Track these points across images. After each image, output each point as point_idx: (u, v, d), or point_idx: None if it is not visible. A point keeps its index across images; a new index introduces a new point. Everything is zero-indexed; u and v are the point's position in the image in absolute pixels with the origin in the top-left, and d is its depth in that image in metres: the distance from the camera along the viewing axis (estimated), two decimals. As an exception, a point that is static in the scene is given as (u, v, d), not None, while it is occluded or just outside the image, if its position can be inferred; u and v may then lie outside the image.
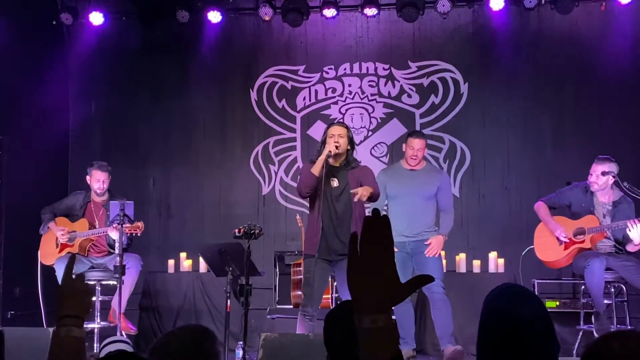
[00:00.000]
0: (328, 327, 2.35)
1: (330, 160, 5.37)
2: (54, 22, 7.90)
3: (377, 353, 1.37)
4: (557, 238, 6.05)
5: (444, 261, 6.33)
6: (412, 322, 6.08)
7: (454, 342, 5.87)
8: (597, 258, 5.75)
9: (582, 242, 5.96)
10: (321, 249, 5.29)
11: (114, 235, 6.15)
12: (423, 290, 6.04)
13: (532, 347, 1.84)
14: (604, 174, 5.92)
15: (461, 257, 7.08)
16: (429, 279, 1.47)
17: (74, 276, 1.94)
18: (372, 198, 5.29)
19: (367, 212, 5.63)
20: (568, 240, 5.98)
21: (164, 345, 1.94)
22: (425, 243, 5.93)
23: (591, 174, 5.97)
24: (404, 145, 6.14)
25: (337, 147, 5.30)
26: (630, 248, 5.89)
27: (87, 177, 6.50)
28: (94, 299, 6.28)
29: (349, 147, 5.42)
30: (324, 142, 5.40)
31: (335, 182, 5.38)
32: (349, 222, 5.34)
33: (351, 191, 5.25)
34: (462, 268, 7.03)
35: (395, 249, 5.60)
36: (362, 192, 5.16)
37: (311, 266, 5.32)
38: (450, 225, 6.08)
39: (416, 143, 6.02)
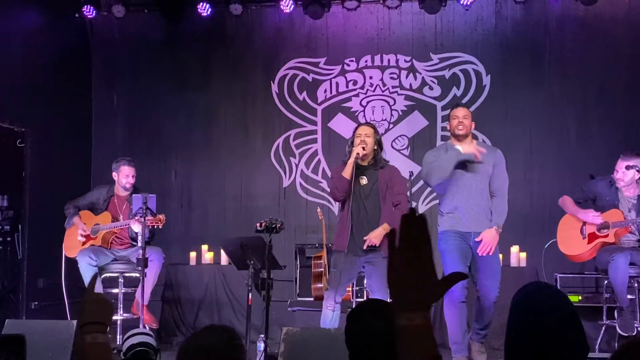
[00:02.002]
0: (350, 326, 2.35)
1: (359, 160, 5.44)
2: (77, 15, 7.94)
3: (414, 352, 1.37)
4: (581, 230, 5.99)
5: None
6: (465, 326, 5.43)
7: (482, 340, 5.51)
8: (621, 253, 5.70)
9: (606, 236, 5.91)
10: (350, 245, 5.36)
11: (135, 227, 6.19)
12: (477, 291, 5.43)
13: (560, 349, 1.82)
14: (628, 168, 5.86)
15: (483, 251, 7.02)
16: (463, 276, 1.48)
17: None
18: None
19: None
20: (600, 222, 5.90)
21: (195, 345, 1.95)
22: (476, 240, 5.34)
23: (617, 170, 5.91)
24: (447, 124, 5.64)
25: (363, 149, 5.38)
26: (656, 243, 5.85)
27: (114, 173, 6.50)
28: (116, 290, 6.34)
29: (375, 147, 5.47)
30: (352, 143, 5.49)
31: (364, 180, 5.46)
32: (377, 219, 5.40)
33: (364, 238, 5.32)
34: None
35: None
36: (372, 239, 5.28)
37: (339, 261, 5.38)
38: (504, 214, 5.42)
39: (459, 111, 5.50)
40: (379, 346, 2.23)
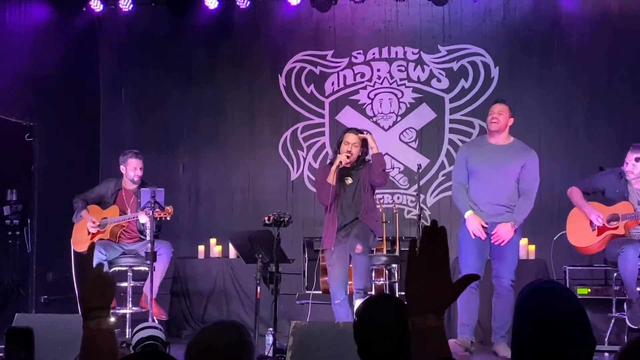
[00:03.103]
0: (359, 320, 2.35)
1: (345, 163, 5.75)
2: (84, 9, 7.95)
3: (427, 352, 1.43)
4: (591, 223, 5.97)
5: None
6: (476, 311, 5.68)
7: (508, 340, 5.50)
8: (631, 245, 5.68)
9: (616, 228, 5.89)
10: (336, 240, 5.71)
11: (142, 219, 6.20)
12: (492, 278, 5.67)
13: (567, 344, 1.82)
14: (638, 160, 5.84)
15: (491, 244, 7.02)
16: (475, 277, 1.59)
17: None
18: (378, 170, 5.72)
19: (377, 202, 6.09)
20: (602, 224, 5.90)
21: (204, 342, 1.95)
22: (492, 234, 5.58)
23: (627, 163, 5.88)
24: (487, 119, 5.77)
25: (348, 157, 5.69)
26: (665, 235, 5.83)
27: (121, 167, 6.50)
28: (125, 284, 6.35)
29: (360, 153, 5.82)
30: (339, 145, 5.79)
31: (349, 180, 5.79)
32: (359, 210, 5.75)
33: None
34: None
35: (486, 224, 5.54)
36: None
37: (331, 259, 5.73)
38: (525, 213, 5.62)
39: (496, 107, 5.67)
40: (387, 340, 2.23)
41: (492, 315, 5.74)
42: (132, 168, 6.45)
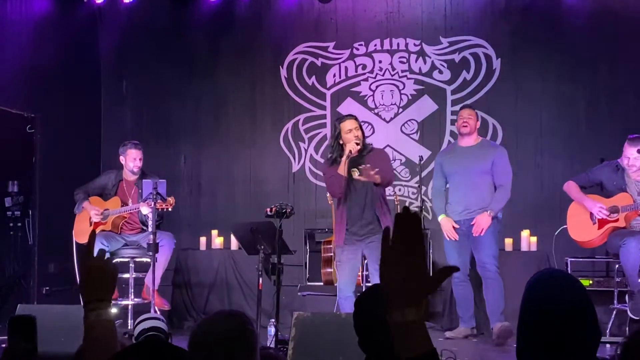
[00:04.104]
0: (358, 312, 2.34)
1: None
2: (85, 1, 7.92)
3: (409, 347, 1.39)
4: (591, 216, 5.97)
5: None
6: (470, 301, 6.19)
7: (503, 320, 5.91)
8: (633, 237, 5.68)
9: (617, 220, 5.88)
10: (347, 237, 5.53)
11: (144, 210, 6.21)
12: (477, 269, 6.10)
13: (573, 334, 1.81)
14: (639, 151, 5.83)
15: (493, 235, 7.03)
16: (454, 269, 1.51)
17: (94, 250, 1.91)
18: (383, 183, 5.49)
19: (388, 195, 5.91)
20: (606, 217, 5.89)
21: (207, 331, 1.95)
22: (472, 224, 5.99)
23: (628, 157, 5.86)
24: (456, 124, 6.36)
25: (357, 144, 5.47)
26: (664, 225, 5.83)
27: (121, 158, 6.53)
28: (127, 275, 6.36)
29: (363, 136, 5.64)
30: (336, 138, 5.58)
31: (356, 172, 5.54)
32: (371, 204, 5.53)
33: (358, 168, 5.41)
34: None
35: (457, 225, 5.94)
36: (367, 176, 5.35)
37: (341, 256, 5.56)
38: (501, 201, 6.04)
39: (464, 112, 6.24)
40: (386, 330, 2.23)
41: (485, 304, 6.05)
42: (131, 159, 6.45)
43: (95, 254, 1.91)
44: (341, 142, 5.54)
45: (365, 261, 5.73)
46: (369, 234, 5.52)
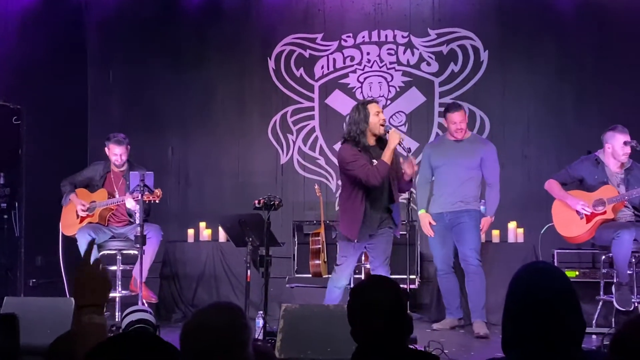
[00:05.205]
0: (352, 301, 2.35)
1: (370, 141, 5.24)
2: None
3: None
4: (578, 211, 5.98)
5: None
6: (456, 293, 6.23)
7: (484, 316, 5.97)
8: (627, 230, 5.71)
9: (604, 213, 5.90)
10: (361, 233, 5.21)
11: (129, 203, 6.19)
12: (460, 262, 6.14)
13: (556, 324, 1.83)
14: (626, 143, 5.86)
15: (480, 227, 7.06)
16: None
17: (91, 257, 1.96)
18: (412, 178, 5.42)
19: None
20: (590, 213, 5.92)
21: (200, 323, 1.94)
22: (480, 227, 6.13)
23: (614, 149, 5.87)
24: (444, 121, 6.27)
25: (383, 127, 5.24)
26: (648, 213, 5.88)
27: (106, 149, 6.54)
28: (114, 268, 6.35)
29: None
30: (361, 122, 5.18)
31: (375, 162, 5.20)
32: (389, 197, 5.27)
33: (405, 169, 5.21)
34: (481, 238, 7.00)
35: (434, 222, 5.91)
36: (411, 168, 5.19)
37: (349, 251, 5.30)
38: (495, 204, 6.15)
39: (456, 116, 6.08)
40: (379, 319, 2.24)
41: (467, 298, 6.10)
42: (112, 154, 6.47)
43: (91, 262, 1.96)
44: (363, 127, 5.17)
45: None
46: (383, 225, 5.29)
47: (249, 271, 5.31)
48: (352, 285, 5.99)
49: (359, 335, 2.28)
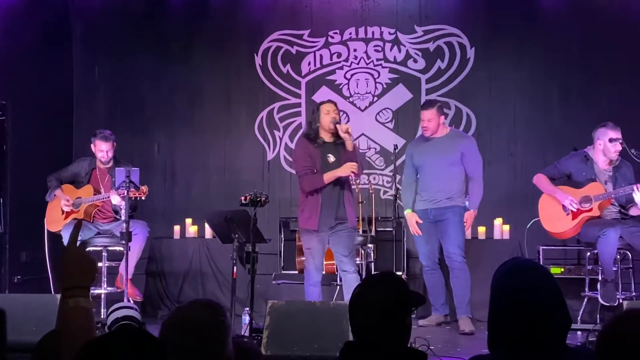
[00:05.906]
0: (354, 300, 2.30)
1: (326, 138, 5.61)
2: (57, -15, 7.82)
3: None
4: (563, 207, 6.01)
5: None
6: (442, 289, 6.29)
7: (469, 312, 6.04)
8: (612, 227, 5.74)
9: (590, 210, 5.93)
10: (320, 223, 5.53)
11: (115, 200, 6.17)
12: (444, 259, 6.17)
13: (543, 322, 1.83)
14: (611, 140, 5.88)
15: (466, 224, 7.09)
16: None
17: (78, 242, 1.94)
18: (360, 174, 5.80)
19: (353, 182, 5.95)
20: (576, 209, 5.95)
21: (178, 321, 1.94)
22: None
23: (605, 145, 5.90)
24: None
25: (335, 123, 5.56)
26: (633, 212, 5.92)
27: (92, 145, 6.51)
28: (100, 264, 6.31)
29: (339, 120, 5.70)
30: (312, 121, 5.66)
31: (331, 158, 5.59)
32: (343, 192, 5.62)
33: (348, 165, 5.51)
34: (467, 234, 7.01)
35: (420, 220, 5.89)
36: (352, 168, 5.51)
37: (312, 241, 5.59)
38: (479, 197, 6.17)
39: (423, 114, 6.20)
40: (372, 316, 2.20)
41: (452, 294, 6.15)
42: (98, 150, 6.44)
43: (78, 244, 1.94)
44: (315, 126, 5.61)
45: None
46: (339, 220, 5.58)
47: (235, 268, 5.30)
48: (337, 282, 6.09)
49: (354, 330, 2.25)
